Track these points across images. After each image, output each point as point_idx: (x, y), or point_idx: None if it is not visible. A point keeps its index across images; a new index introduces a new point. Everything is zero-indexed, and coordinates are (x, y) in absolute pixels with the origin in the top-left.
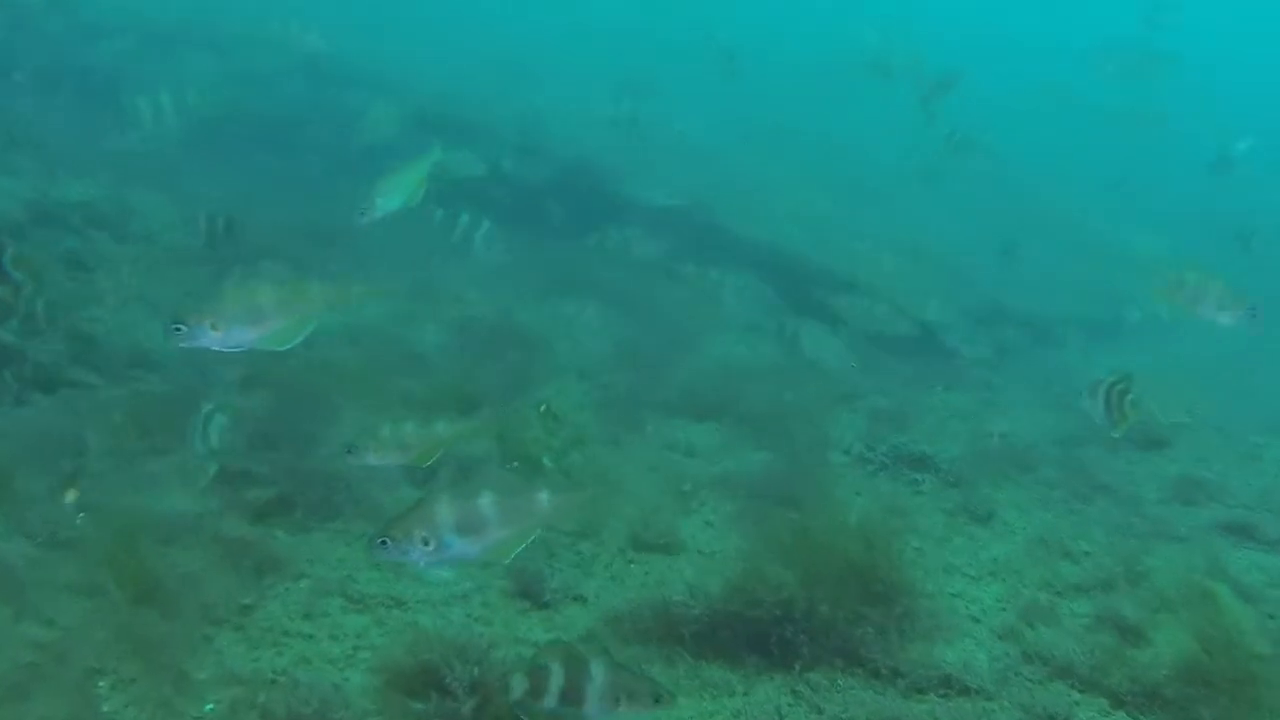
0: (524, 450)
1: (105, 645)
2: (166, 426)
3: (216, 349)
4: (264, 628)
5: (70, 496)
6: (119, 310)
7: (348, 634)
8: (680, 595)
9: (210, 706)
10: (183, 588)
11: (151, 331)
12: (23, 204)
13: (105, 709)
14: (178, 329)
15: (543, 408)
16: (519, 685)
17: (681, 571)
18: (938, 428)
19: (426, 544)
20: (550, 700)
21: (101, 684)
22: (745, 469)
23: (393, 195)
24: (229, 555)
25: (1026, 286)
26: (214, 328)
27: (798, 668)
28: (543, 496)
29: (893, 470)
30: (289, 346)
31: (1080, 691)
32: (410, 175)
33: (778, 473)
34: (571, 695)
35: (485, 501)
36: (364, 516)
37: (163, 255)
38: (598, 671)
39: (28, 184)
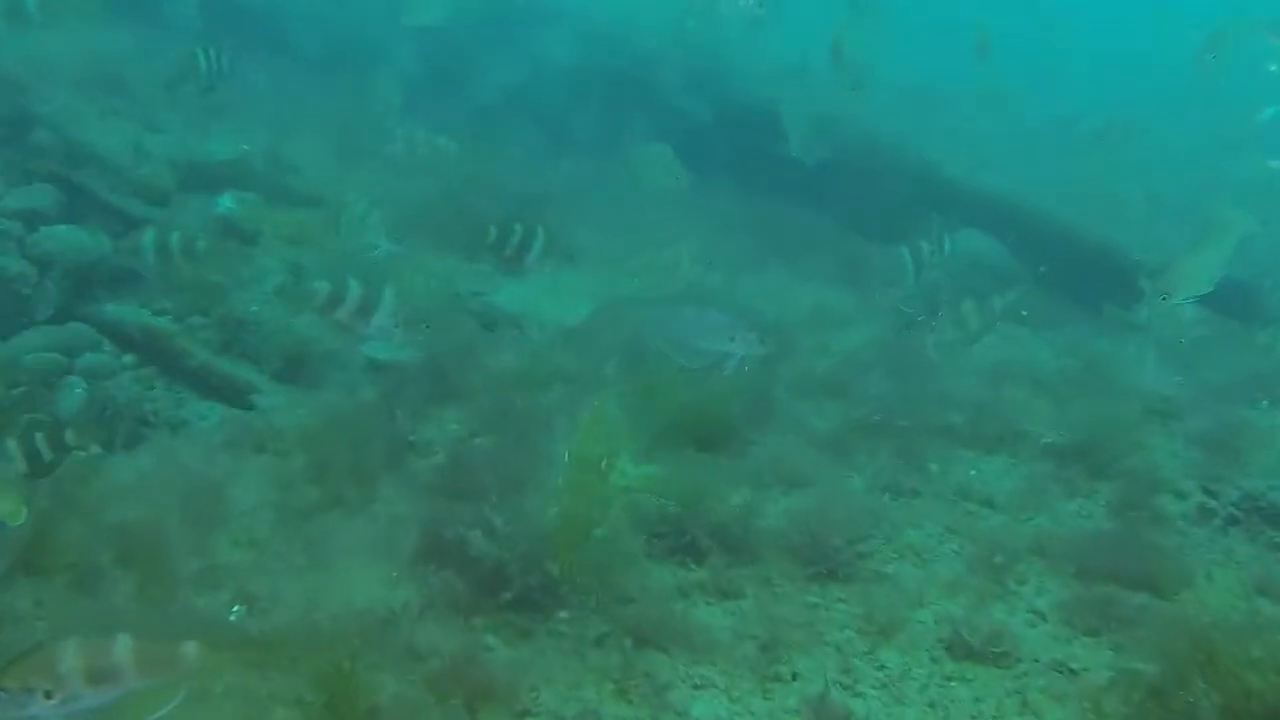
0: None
1: None
2: (347, 465)
3: None
4: None
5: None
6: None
7: None
8: None
9: None
10: None
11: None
12: (168, 165)
13: None
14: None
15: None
16: None
17: (1027, 697)
18: None
19: (49, 696)
20: None
21: None
22: (1063, 527)
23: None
24: (430, 682)
25: None
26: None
27: None
28: (189, 649)
29: (1246, 526)
30: None
31: None
32: None
33: (1106, 534)
34: None
35: (120, 648)
36: (595, 609)
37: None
38: None
39: (175, 141)
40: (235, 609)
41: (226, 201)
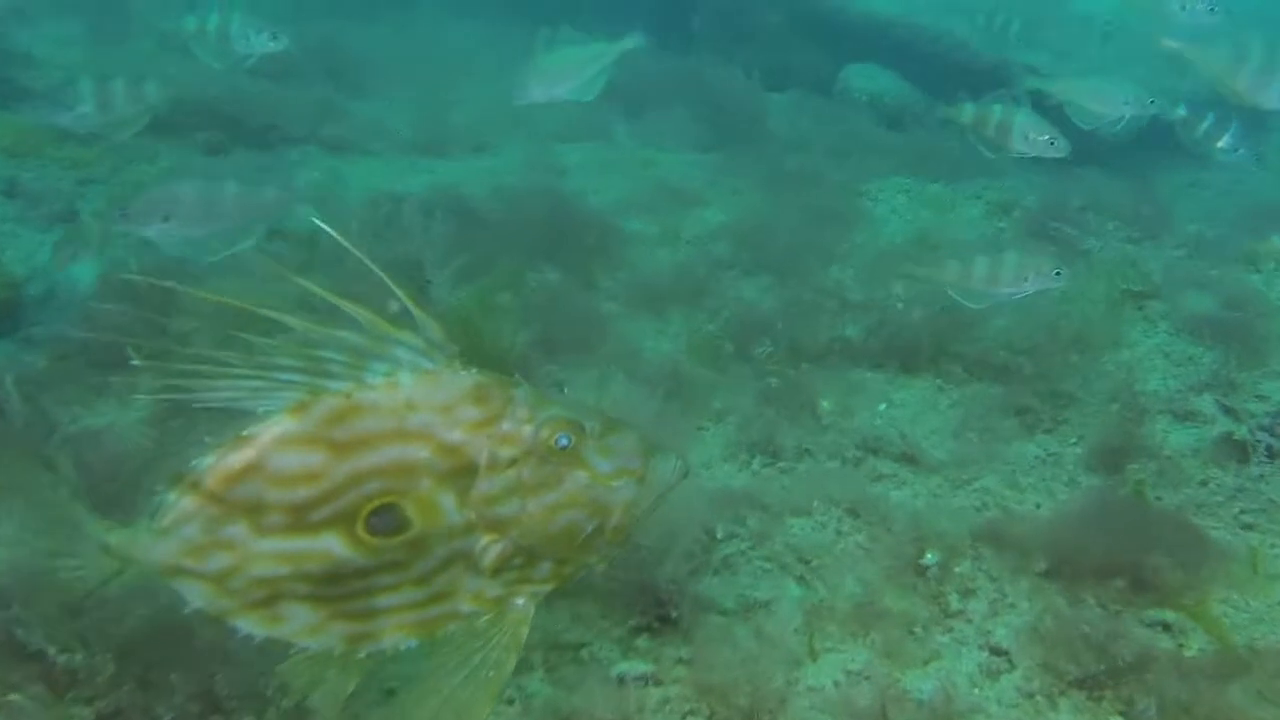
0: None
1: None
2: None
3: None
4: None
5: None
6: None
7: None
8: None
9: None
10: None
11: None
12: None
13: None
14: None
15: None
16: None
17: None
18: None
19: None
20: None
21: None
22: (1022, 489)
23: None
24: None
25: None
26: None
27: None
28: None
29: None
30: None
31: None
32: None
33: (1087, 495)
34: None
35: None
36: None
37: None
38: None
39: None
40: None
41: None
